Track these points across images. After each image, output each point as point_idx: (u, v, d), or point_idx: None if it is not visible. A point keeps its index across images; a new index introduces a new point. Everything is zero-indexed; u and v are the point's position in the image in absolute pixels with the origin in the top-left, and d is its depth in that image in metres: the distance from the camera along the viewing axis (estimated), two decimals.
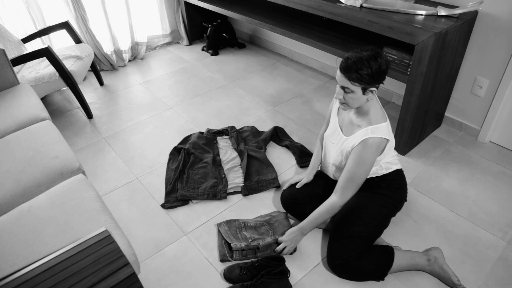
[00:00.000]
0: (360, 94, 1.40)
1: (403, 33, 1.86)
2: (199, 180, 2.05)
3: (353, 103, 1.44)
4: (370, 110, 1.48)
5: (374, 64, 1.34)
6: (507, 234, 1.73)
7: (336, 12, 2.14)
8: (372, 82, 1.37)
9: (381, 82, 1.40)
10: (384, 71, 1.37)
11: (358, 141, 1.46)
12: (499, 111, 2.15)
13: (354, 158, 1.47)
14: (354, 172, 1.47)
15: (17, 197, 1.51)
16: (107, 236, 1.02)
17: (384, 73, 1.38)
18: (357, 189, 1.52)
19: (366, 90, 1.39)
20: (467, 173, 2.08)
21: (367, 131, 1.45)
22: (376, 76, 1.36)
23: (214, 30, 3.53)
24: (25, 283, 0.91)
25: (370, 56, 1.34)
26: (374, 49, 1.37)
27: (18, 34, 2.86)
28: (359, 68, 1.34)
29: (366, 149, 1.44)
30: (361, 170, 1.47)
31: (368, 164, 1.46)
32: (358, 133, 1.48)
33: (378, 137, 1.43)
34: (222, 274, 1.60)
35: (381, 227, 1.59)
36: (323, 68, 3.16)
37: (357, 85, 1.38)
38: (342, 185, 1.51)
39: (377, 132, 1.44)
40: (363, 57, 1.34)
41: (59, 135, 1.84)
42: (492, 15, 1.96)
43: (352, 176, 1.48)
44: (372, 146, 1.43)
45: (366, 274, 1.52)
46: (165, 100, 2.89)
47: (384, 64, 1.37)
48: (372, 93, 1.41)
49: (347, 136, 1.54)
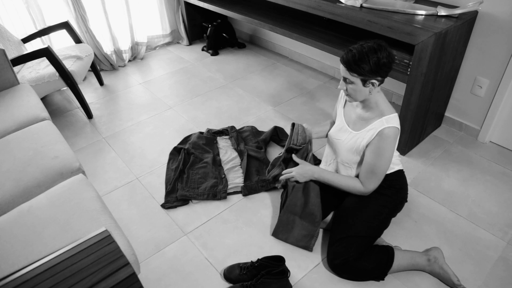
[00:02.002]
0: (360, 85, 1.41)
1: (403, 33, 1.86)
2: (199, 180, 2.05)
3: (355, 95, 1.45)
4: (378, 102, 1.48)
5: (373, 56, 1.34)
6: (507, 234, 1.73)
7: (336, 12, 2.14)
8: (371, 74, 1.37)
9: (382, 75, 1.39)
10: (384, 64, 1.36)
11: (375, 133, 1.45)
12: (499, 111, 2.15)
13: (373, 150, 1.46)
14: (374, 164, 1.46)
15: (17, 197, 1.51)
16: (107, 236, 1.02)
17: (384, 66, 1.36)
18: (379, 180, 1.50)
19: (366, 82, 1.40)
20: (467, 173, 2.08)
21: (382, 121, 1.44)
22: (375, 68, 1.35)
23: (214, 30, 3.53)
24: (25, 283, 0.91)
25: (371, 49, 1.35)
26: (378, 42, 1.37)
27: (18, 34, 2.86)
28: (358, 60, 1.35)
29: (385, 140, 1.43)
30: (381, 161, 1.45)
31: (388, 155, 1.45)
32: (372, 125, 1.47)
33: (394, 126, 1.43)
34: (222, 274, 1.60)
35: (382, 227, 1.59)
36: (323, 68, 3.17)
37: (356, 76, 1.39)
38: (364, 176, 1.51)
39: (391, 121, 1.43)
40: (364, 49, 1.35)
41: (59, 135, 1.84)
42: (492, 15, 1.96)
43: (372, 168, 1.47)
44: (390, 136, 1.42)
45: (366, 274, 1.52)
46: (165, 100, 2.89)
47: (385, 57, 1.35)
48: (373, 85, 1.40)
49: (357, 131, 1.53)
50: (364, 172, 1.51)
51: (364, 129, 1.50)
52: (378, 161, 1.46)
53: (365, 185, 1.53)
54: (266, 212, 1.89)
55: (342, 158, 1.61)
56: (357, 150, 1.54)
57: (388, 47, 1.39)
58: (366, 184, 1.52)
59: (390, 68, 1.39)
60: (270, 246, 1.72)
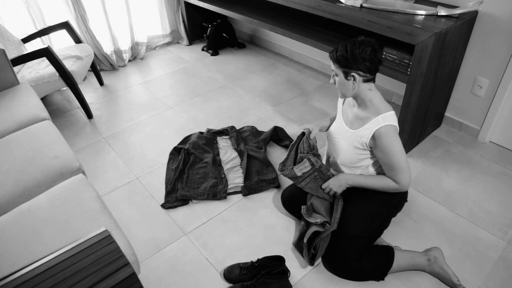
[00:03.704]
0: (343, 77, 1.44)
1: (403, 33, 1.86)
2: (199, 180, 2.05)
3: (341, 88, 1.48)
4: (373, 100, 1.47)
5: (351, 48, 1.38)
6: (507, 234, 1.73)
7: (336, 12, 2.14)
8: (348, 65, 1.40)
9: (362, 69, 1.39)
10: (363, 58, 1.37)
11: (372, 132, 1.44)
12: (499, 111, 2.15)
13: (381, 150, 1.45)
14: (390, 162, 1.45)
15: (17, 197, 1.51)
16: (107, 236, 1.02)
17: (363, 60, 1.37)
18: (405, 173, 1.47)
19: (347, 74, 1.42)
20: (467, 173, 2.08)
21: (378, 120, 1.44)
22: (351, 59, 1.38)
23: (214, 30, 3.53)
24: (25, 283, 0.91)
25: (354, 42, 1.39)
26: (367, 39, 1.40)
27: (18, 34, 2.86)
28: (339, 50, 1.41)
29: (385, 137, 1.42)
30: (394, 157, 1.44)
31: (398, 148, 1.43)
32: (369, 124, 1.46)
33: (390, 124, 1.42)
34: (222, 274, 1.60)
35: (382, 227, 1.59)
36: (323, 68, 3.17)
37: (338, 68, 1.43)
38: (390, 176, 1.50)
39: (387, 120, 1.43)
40: (350, 42, 1.40)
41: (59, 135, 1.84)
42: (492, 15, 1.96)
43: (391, 166, 1.46)
44: (388, 133, 1.42)
45: (366, 274, 1.52)
46: (165, 100, 2.89)
47: (364, 52, 1.36)
48: (354, 79, 1.42)
49: (355, 130, 1.53)
50: (388, 172, 1.50)
51: (361, 128, 1.50)
52: (392, 158, 1.45)
53: (397, 182, 1.50)
54: (266, 212, 1.89)
55: (342, 158, 1.61)
56: (355, 149, 1.53)
57: (378, 45, 1.39)
58: (397, 181, 1.50)
59: (372, 64, 1.39)
60: (270, 246, 1.72)
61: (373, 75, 1.43)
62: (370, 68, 1.40)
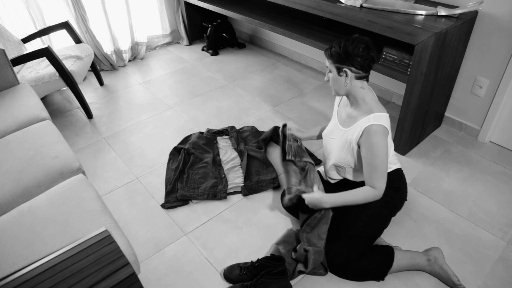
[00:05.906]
0: (335, 73, 1.45)
1: (403, 33, 1.86)
2: (199, 180, 2.05)
3: (334, 85, 1.49)
4: (366, 99, 1.47)
5: (345, 44, 1.40)
6: (507, 234, 1.73)
7: (336, 12, 2.14)
8: (340, 60, 1.41)
9: (354, 65, 1.40)
10: (355, 54, 1.38)
11: (361, 130, 1.44)
12: (499, 111, 2.15)
13: (366, 148, 1.44)
14: (372, 162, 1.44)
15: (17, 197, 1.51)
16: (107, 236, 1.02)
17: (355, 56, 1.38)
18: (384, 177, 1.46)
19: (340, 70, 1.43)
20: (467, 173, 2.08)
21: (369, 118, 1.43)
22: (344, 55, 1.39)
23: (214, 30, 3.53)
24: (25, 283, 0.91)
25: (349, 38, 1.41)
26: (362, 36, 1.41)
27: (18, 34, 2.86)
28: (333, 46, 1.43)
29: (373, 136, 1.41)
30: (377, 158, 1.43)
31: (382, 150, 1.42)
32: (359, 122, 1.46)
33: (380, 124, 1.41)
34: (222, 274, 1.60)
35: (381, 227, 1.59)
36: (323, 68, 3.16)
37: (331, 63, 1.45)
38: (368, 178, 1.47)
39: (378, 120, 1.42)
40: (344, 38, 1.42)
41: (59, 135, 1.84)
42: (492, 15, 1.96)
43: (372, 167, 1.45)
44: (378, 132, 1.41)
45: (366, 274, 1.52)
46: (165, 100, 2.89)
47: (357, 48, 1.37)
48: (347, 75, 1.42)
49: (347, 128, 1.53)
50: (367, 174, 1.49)
51: (352, 125, 1.49)
52: (374, 158, 1.43)
53: (374, 187, 1.48)
54: (266, 212, 1.89)
55: (335, 159, 1.60)
56: (348, 148, 1.53)
57: (371, 44, 1.40)
58: (374, 185, 1.48)
59: (364, 60, 1.39)
60: (270, 246, 1.72)
61: (366, 73, 1.43)
62: (362, 64, 1.40)
